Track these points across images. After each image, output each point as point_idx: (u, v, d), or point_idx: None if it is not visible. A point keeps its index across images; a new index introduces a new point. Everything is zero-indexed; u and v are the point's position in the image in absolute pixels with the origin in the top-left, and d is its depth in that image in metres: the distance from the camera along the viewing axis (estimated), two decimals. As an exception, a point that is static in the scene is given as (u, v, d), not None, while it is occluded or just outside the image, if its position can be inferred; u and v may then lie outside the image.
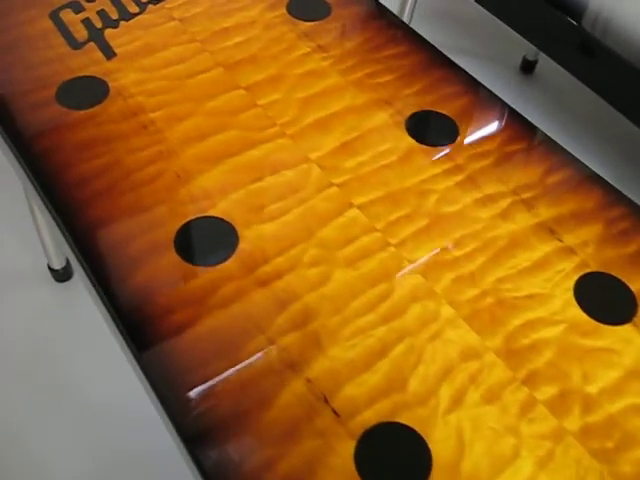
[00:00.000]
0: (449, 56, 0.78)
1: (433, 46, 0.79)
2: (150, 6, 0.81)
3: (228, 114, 0.70)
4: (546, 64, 1.45)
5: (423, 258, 0.60)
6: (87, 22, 0.79)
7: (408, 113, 0.71)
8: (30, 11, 0.80)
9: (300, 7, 0.82)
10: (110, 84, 0.72)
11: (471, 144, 0.69)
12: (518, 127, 0.72)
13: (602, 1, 0.99)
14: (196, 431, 0.50)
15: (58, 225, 0.61)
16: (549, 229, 0.63)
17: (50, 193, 0.63)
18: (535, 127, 0.71)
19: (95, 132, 0.68)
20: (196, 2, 0.82)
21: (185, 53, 0.76)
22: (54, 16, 0.79)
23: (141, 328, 0.55)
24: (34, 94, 0.71)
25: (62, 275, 1.06)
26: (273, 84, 0.73)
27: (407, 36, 0.80)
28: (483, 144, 0.70)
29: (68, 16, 0.80)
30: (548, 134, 0.72)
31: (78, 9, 0.80)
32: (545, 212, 0.65)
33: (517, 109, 0.76)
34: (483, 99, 0.74)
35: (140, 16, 0.80)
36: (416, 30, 0.81)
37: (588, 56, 1.02)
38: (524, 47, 1.42)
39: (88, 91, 0.72)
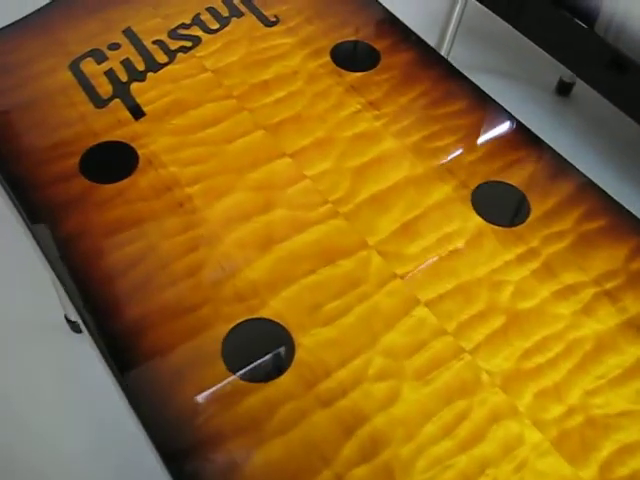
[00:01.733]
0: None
1: (494, 100, 0.71)
2: (180, 55, 0.73)
3: (273, 188, 0.63)
4: (583, 86, 1.37)
5: (502, 367, 0.53)
6: (111, 74, 0.71)
7: (473, 185, 0.64)
8: (48, 60, 0.72)
9: (345, 54, 0.74)
10: (139, 151, 0.65)
11: (545, 222, 0.62)
12: (594, 200, 0.64)
13: (615, 5, 0.94)
14: None
15: (90, 331, 0.54)
16: (637, 327, 0.57)
17: (79, 288, 0.56)
18: (614, 200, 0.64)
19: (125, 211, 0.61)
20: (230, 49, 0.74)
21: (221, 112, 0.68)
22: (74, 67, 0.71)
23: (185, 460, 0.48)
24: (55, 165, 0.63)
25: (80, 326, 0.99)
26: (321, 150, 0.66)
27: (464, 88, 0.72)
28: (558, 222, 0.62)
29: (90, 67, 0.71)
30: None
31: (100, 59, 0.72)
32: (632, 306, 0.58)
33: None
34: (553, 166, 0.67)
35: (169, 66, 0.72)
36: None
37: (617, 73, 0.96)
38: (560, 69, 1.34)
39: (115, 160, 0.64)
